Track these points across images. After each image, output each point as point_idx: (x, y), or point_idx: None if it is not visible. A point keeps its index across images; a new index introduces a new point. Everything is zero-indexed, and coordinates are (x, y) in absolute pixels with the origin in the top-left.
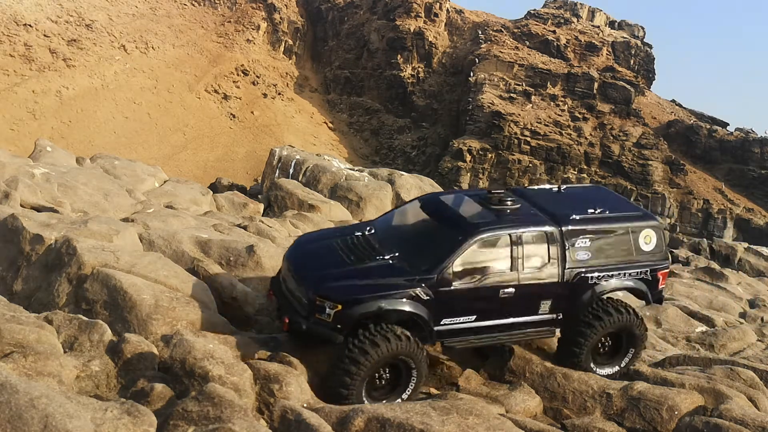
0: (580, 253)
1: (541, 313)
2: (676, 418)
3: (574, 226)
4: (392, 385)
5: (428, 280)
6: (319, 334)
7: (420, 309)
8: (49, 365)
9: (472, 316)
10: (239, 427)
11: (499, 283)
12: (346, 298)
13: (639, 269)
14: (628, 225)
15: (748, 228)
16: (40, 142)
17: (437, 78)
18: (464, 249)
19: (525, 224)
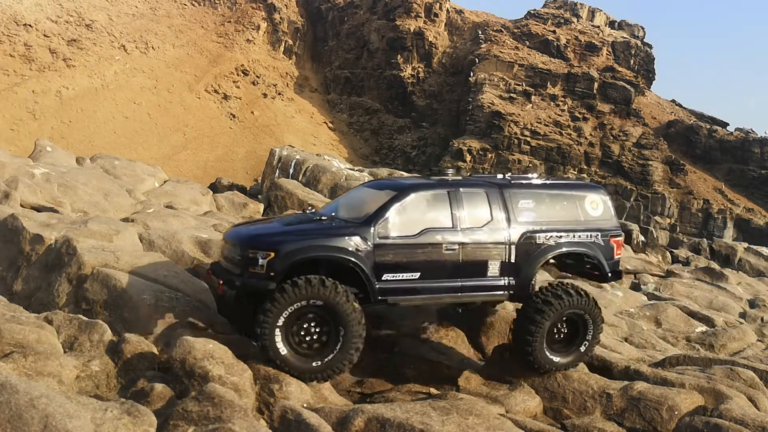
0: (525, 214)
1: (491, 275)
2: (676, 418)
3: (514, 188)
4: (320, 341)
5: (365, 229)
6: (252, 287)
7: (357, 258)
8: (49, 365)
9: (416, 273)
10: (239, 427)
11: (442, 239)
12: (278, 245)
13: (589, 232)
14: (572, 191)
15: (748, 228)
16: (40, 142)
17: (437, 78)
18: (399, 201)
19: (463, 185)
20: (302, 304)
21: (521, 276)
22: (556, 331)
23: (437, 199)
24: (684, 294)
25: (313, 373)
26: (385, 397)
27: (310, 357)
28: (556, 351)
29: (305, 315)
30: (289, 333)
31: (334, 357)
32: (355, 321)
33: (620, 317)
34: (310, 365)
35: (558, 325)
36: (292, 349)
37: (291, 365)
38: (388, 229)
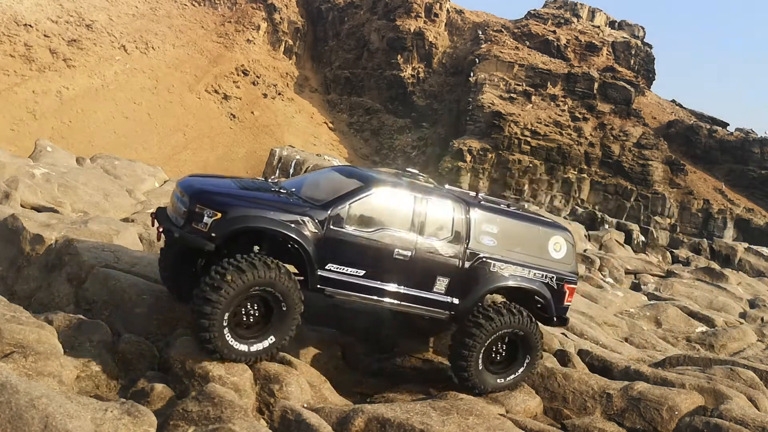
0: (486, 238)
1: (436, 290)
2: (676, 418)
3: (483, 209)
4: (263, 323)
5: (320, 213)
6: (190, 242)
7: (305, 240)
8: (50, 365)
9: (361, 271)
10: (239, 427)
11: (396, 242)
12: (228, 207)
13: (545, 272)
14: (538, 227)
15: (748, 228)
16: (41, 142)
17: (437, 78)
18: (363, 194)
19: (432, 193)
20: (257, 292)
21: (466, 299)
22: (495, 351)
23: (401, 201)
24: (684, 294)
25: (252, 357)
26: (385, 397)
27: (251, 339)
28: (493, 372)
29: (254, 298)
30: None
31: (276, 343)
32: (299, 304)
33: (620, 317)
34: (250, 349)
35: (497, 344)
36: (233, 333)
37: (234, 351)
38: (344, 219)
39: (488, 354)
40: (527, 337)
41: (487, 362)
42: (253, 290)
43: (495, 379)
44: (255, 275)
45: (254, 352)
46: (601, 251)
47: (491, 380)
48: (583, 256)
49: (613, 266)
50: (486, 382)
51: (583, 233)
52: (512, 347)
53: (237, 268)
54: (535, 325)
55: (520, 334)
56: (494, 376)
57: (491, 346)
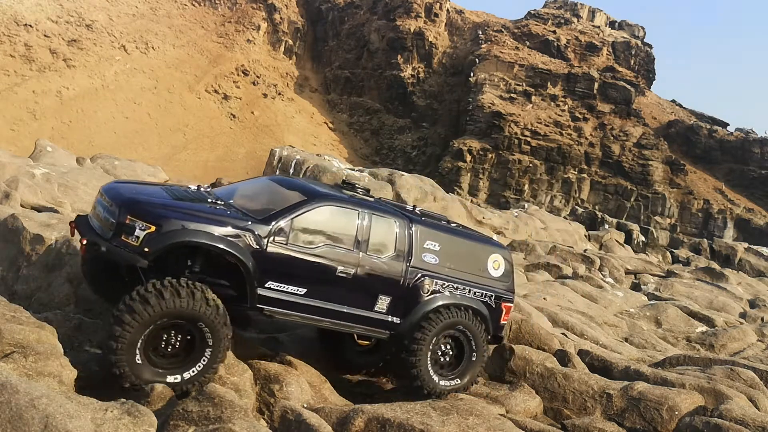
0: (428, 256)
1: (378, 309)
2: (676, 418)
3: (425, 226)
4: (184, 354)
5: (262, 228)
6: (119, 257)
7: (245, 256)
8: (50, 365)
9: (302, 289)
10: (239, 428)
11: (339, 260)
12: (163, 220)
13: (483, 290)
14: (478, 244)
15: (748, 228)
16: (41, 143)
17: (437, 78)
18: (306, 209)
19: (375, 209)
20: (176, 321)
21: (407, 318)
22: (442, 354)
23: (345, 217)
24: (684, 294)
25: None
26: (385, 397)
27: (168, 369)
28: (442, 375)
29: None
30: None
31: (199, 375)
32: (225, 335)
33: (620, 317)
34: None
35: (443, 346)
36: (149, 362)
37: (143, 380)
38: (286, 235)
39: (436, 357)
40: (470, 334)
41: (435, 365)
42: (173, 320)
43: (444, 382)
44: (177, 304)
45: (168, 383)
46: (601, 251)
47: (440, 383)
48: (583, 256)
49: (613, 266)
50: (435, 385)
51: (583, 233)
52: (459, 347)
53: (159, 294)
54: (479, 320)
55: (464, 332)
56: (443, 378)
57: (437, 348)
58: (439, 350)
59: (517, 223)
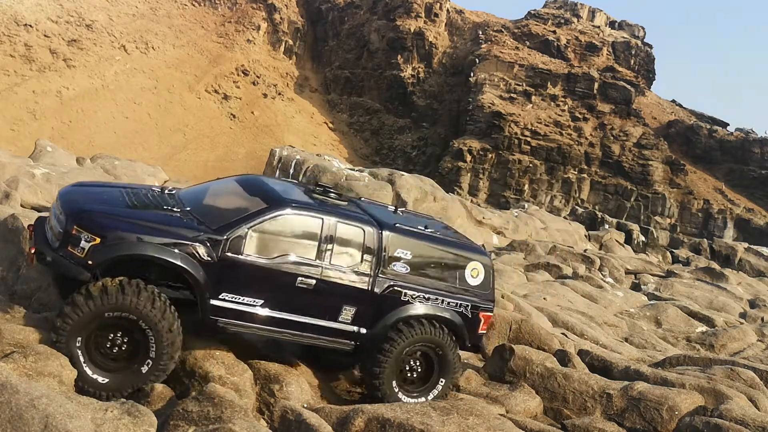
0: (398, 265)
1: (342, 320)
2: (676, 418)
3: (397, 233)
4: (129, 354)
5: (215, 239)
6: (63, 268)
7: (195, 269)
8: (50, 365)
9: (260, 301)
10: (239, 428)
11: (299, 270)
12: (108, 231)
13: (459, 301)
14: (456, 251)
15: (748, 228)
16: (41, 143)
17: (437, 78)
18: (266, 217)
19: (343, 216)
20: (120, 319)
21: (373, 329)
22: (409, 369)
23: (308, 226)
24: (684, 294)
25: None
26: None
27: (114, 369)
28: (406, 391)
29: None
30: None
31: (150, 373)
32: (172, 334)
33: (620, 317)
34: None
35: (411, 361)
36: (92, 363)
37: (87, 381)
38: (242, 245)
39: (402, 371)
40: (443, 355)
41: (401, 380)
42: (110, 316)
43: (406, 398)
44: (119, 300)
45: (109, 386)
46: (601, 251)
47: (402, 398)
48: (583, 256)
49: (613, 266)
50: (397, 400)
51: (583, 233)
52: (428, 364)
53: (103, 290)
54: (450, 339)
55: (435, 349)
56: (408, 394)
57: (405, 362)
58: (406, 365)
59: (517, 223)
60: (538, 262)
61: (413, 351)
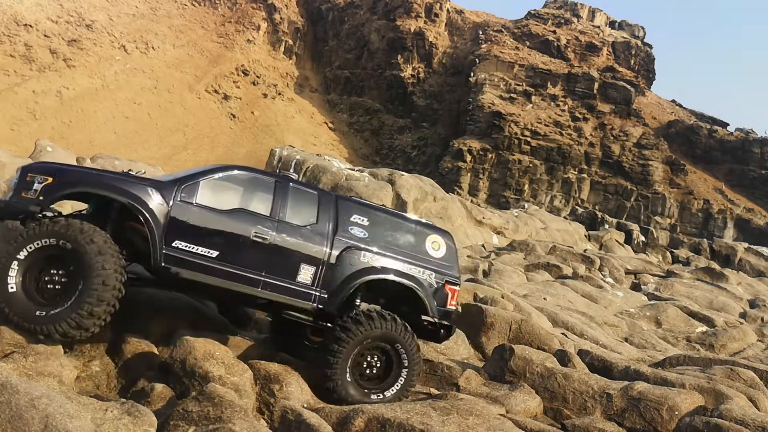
0: (355, 229)
1: (301, 280)
2: (676, 418)
3: (350, 201)
4: (63, 292)
5: (168, 186)
6: (15, 209)
7: (143, 206)
8: (50, 365)
9: (214, 252)
10: (240, 428)
11: (254, 222)
12: (60, 172)
13: (422, 268)
14: (414, 225)
15: (748, 228)
16: (41, 142)
17: (437, 78)
18: (220, 174)
19: (295, 182)
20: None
21: (334, 291)
22: (368, 364)
23: (261, 186)
24: (684, 294)
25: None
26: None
27: (46, 308)
28: (364, 388)
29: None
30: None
31: (78, 318)
32: (109, 272)
33: (620, 317)
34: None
35: (370, 356)
36: (30, 298)
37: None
38: (195, 194)
39: (359, 365)
40: (401, 349)
41: (358, 376)
42: (52, 246)
43: (362, 396)
44: (50, 228)
45: (43, 318)
46: (601, 251)
47: (357, 395)
48: (583, 256)
49: (613, 266)
50: (353, 396)
51: (583, 233)
52: (388, 360)
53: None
54: (410, 334)
55: (394, 345)
56: (364, 389)
57: (363, 357)
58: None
59: (517, 223)
60: (538, 262)
61: (370, 346)
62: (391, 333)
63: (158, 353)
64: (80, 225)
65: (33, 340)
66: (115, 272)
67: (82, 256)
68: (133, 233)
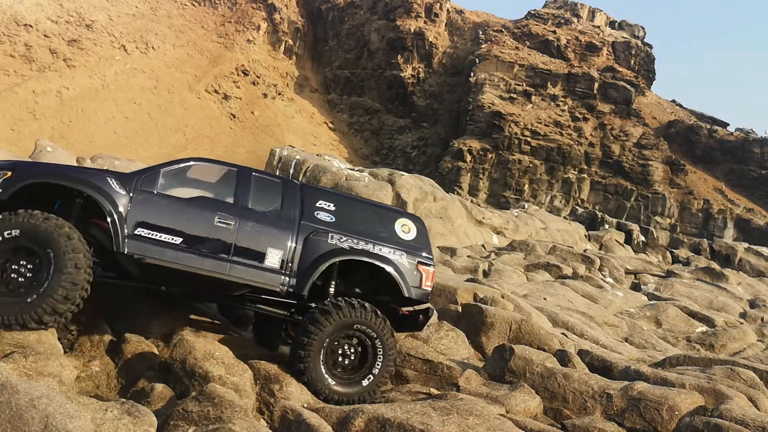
0: (322, 214)
1: (269, 264)
2: (676, 418)
3: (315, 188)
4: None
5: (129, 177)
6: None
7: (105, 196)
8: (50, 365)
9: (178, 238)
10: (239, 428)
11: (217, 209)
12: (18, 166)
13: (393, 249)
14: (381, 210)
15: (748, 228)
16: (41, 142)
17: (437, 78)
18: (182, 164)
19: (257, 171)
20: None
21: (303, 273)
22: (342, 354)
23: (223, 175)
24: (684, 294)
25: None
26: (385, 397)
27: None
28: (337, 378)
29: None
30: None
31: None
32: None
33: (620, 317)
34: None
35: (344, 346)
36: None
37: None
38: (156, 184)
39: (333, 356)
40: (377, 339)
41: (332, 366)
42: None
43: (338, 387)
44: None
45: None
46: (601, 251)
47: (332, 385)
48: (583, 256)
49: (613, 266)
50: (327, 388)
51: (583, 233)
52: (363, 351)
53: None
54: (384, 322)
55: (369, 335)
56: (337, 381)
57: (336, 347)
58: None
59: (517, 223)
60: (538, 262)
61: (342, 336)
62: (362, 321)
63: (158, 353)
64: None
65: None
66: (84, 257)
67: (51, 243)
68: (97, 230)
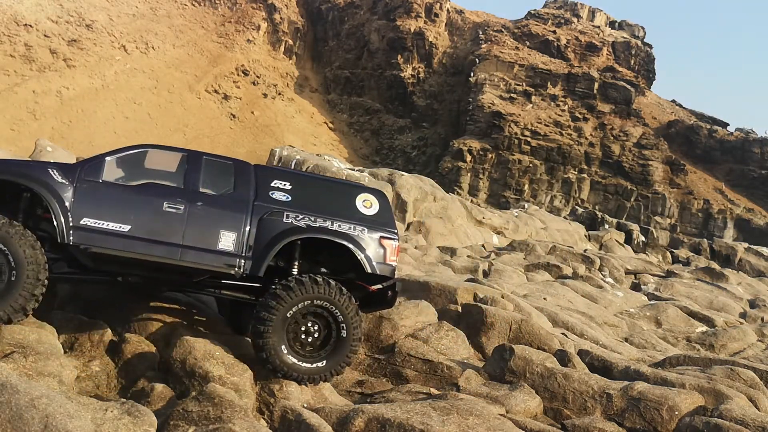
0: (277, 194)
1: (222, 247)
2: (676, 418)
3: (269, 168)
4: None
5: (71, 167)
6: None
7: (47, 188)
8: (50, 365)
9: (126, 226)
10: (240, 427)
11: (165, 194)
12: None
13: (353, 225)
14: (341, 186)
15: (748, 228)
16: (41, 142)
17: (437, 78)
18: (125, 152)
19: (206, 154)
20: None
21: (259, 254)
22: (305, 332)
23: (171, 159)
24: (684, 294)
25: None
26: (385, 397)
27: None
28: (299, 354)
29: None
30: None
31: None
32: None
33: (620, 317)
34: None
35: (307, 323)
36: None
37: None
38: (101, 173)
39: (296, 333)
40: (339, 315)
41: (294, 342)
42: None
43: (299, 363)
44: None
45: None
46: (601, 251)
47: (294, 362)
48: (583, 256)
49: (613, 266)
50: (288, 365)
51: (583, 233)
52: (327, 328)
53: None
54: (346, 297)
55: (331, 310)
56: (300, 358)
57: (299, 324)
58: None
59: (517, 223)
60: (538, 262)
61: (304, 312)
62: (325, 297)
63: (158, 353)
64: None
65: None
66: (40, 253)
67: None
68: (46, 224)
